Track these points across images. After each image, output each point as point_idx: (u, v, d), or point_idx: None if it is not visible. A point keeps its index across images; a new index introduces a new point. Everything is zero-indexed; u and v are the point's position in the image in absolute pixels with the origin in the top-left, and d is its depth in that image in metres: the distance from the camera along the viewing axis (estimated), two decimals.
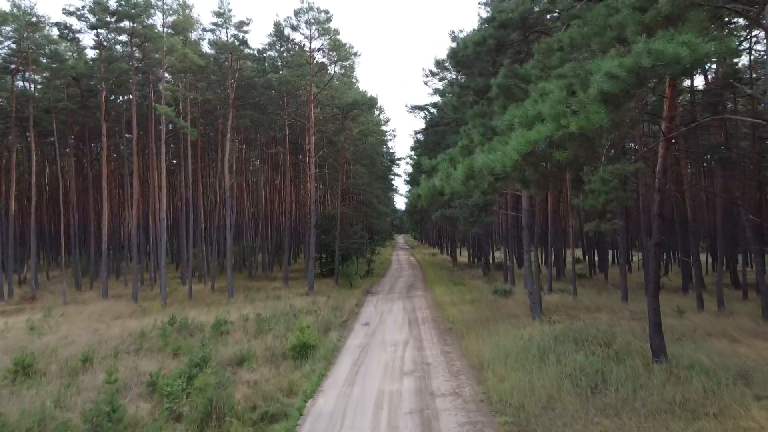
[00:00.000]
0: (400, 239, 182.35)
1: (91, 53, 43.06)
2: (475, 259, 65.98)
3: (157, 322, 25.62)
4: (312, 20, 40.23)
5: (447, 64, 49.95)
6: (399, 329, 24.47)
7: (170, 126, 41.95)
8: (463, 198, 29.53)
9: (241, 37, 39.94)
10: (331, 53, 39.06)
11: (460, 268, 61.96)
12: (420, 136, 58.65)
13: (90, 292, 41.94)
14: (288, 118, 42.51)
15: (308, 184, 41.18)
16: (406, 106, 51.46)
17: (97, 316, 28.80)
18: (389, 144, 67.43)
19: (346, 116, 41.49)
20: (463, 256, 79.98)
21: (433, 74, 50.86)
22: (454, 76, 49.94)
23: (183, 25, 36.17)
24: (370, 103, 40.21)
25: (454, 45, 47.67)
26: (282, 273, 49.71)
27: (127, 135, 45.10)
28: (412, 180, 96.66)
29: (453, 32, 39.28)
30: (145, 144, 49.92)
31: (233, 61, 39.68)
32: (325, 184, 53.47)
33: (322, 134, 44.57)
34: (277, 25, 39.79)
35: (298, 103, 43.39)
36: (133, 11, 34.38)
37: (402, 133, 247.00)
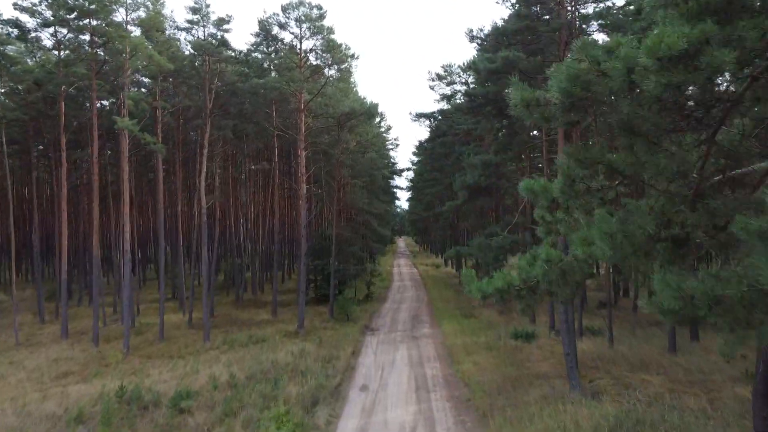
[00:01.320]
0: (401, 243, 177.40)
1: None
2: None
3: (106, 388, 20.74)
4: (303, 17, 35.32)
5: (453, 68, 45.09)
6: (405, 401, 19.56)
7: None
8: (483, 237, 24.74)
9: (220, 37, 35.01)
10: (324, 55, 34.13)
11: None
12: (425, 145, 53.79)
13: (53, 326, 37.01)
14: (276, 129, 37.53)
15: (299, 204, 36.26)
16: (411, 114, 46.84)
17: (40, 375, 23.85)
18: (391, 154, 62.69)
19: (342, 127, 36.56)
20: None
21: (440, 78, 45.94)
22: (465, 80, 45.09)
23: (150, 23, 31.21)
24: (370, 112, 35.29)
25: (474, 47, 42.45)
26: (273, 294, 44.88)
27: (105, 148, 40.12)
28: (414, 188, 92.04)
29: (471, 31, 34.52)
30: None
31: (212, 64, 34.74)
32: (321, 200, 48.55)
33: (316, 145, 39.65)
34: (262, 23, 34.85)
35: (288, 111, 38.40)
36: (93, 6, 29.42)
37: (405, 142, 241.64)
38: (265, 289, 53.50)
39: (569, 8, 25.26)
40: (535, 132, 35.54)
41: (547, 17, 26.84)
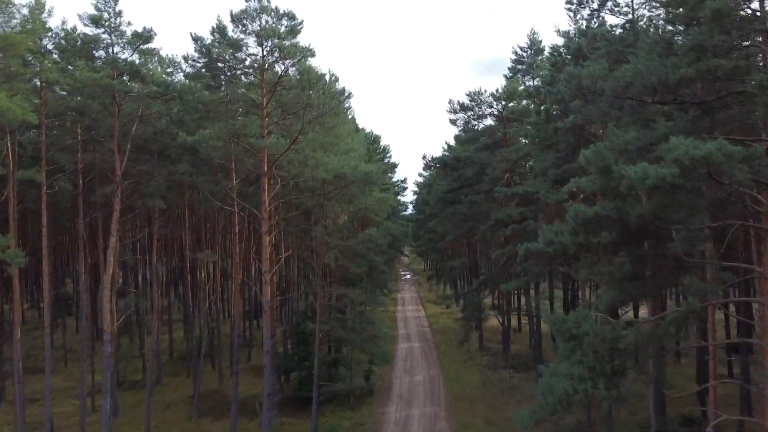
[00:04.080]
0: (405, 259, 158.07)
1: None
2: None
3: None
4: (266, 31, 22.62)
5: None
6: None
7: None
8: None
9: (134, 62, 22.13)
10: (302, 92, 21.40)
11: (493, 360, 43.91)
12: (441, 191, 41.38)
13: None
14: (223, 203, 24.86)
15: (267, 314, 23.50)
16: (424, 158, 34.71)
17: None
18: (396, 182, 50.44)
19: (327, 196, 23.99)
20: (492, 327, 59.17)
21: (464, 108, 33.61)
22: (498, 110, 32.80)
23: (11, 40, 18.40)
24: (368, 179, 22.70)
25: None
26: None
27: None
28: (418, 207, 79.56)
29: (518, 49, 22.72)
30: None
31: (120, 103, 22.00)
32: (302, 266, 35.73)
33: (290, 223, 27.03)
34: (201, 44, 21.98)
35: (251, 165, 25.58)
36: None
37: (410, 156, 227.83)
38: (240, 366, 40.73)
39: None
40: None
41: None
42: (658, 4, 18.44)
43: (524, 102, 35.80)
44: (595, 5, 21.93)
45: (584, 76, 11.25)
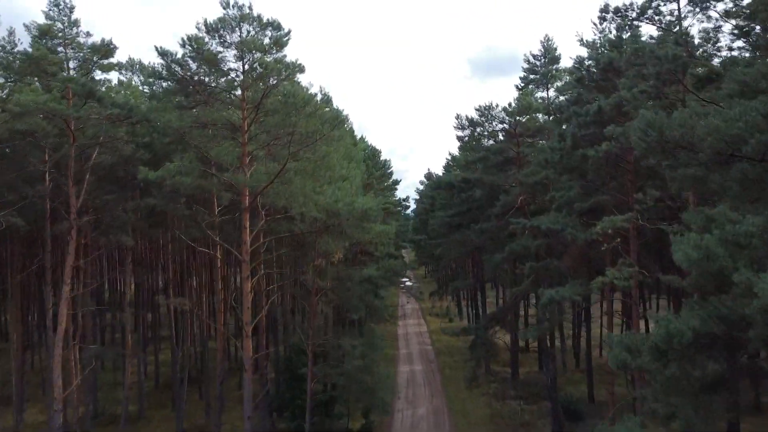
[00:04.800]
0: (406, 256, 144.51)
1: None
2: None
3: None
4: (247, 42, 19.24)
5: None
6: None
7: None
8: None
9: (90, 81, 18.67)
10: (286, 117, 17.96)
11: (501, 388, 40.34)
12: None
13: None
14: (197, 242, 21.47)
15: (248, 372, 20.09)
16: (429, 178, 31.12)
17: None
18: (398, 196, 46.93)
19: (319, 234, 20.58)
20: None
21: (474, 124, 30.18)
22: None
23: None
24: (366, 215, 19.35)
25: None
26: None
27: None
28: (420, 222, 75.75)
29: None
30: None
31: (77, 128, 18.60)
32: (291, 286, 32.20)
33: (278, 261, 23.61)
34: (167, 55, 18.56)
35: (228, 200, 22.15)
36: None
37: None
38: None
39: None
40: None
41: None
42: (718, 15, 15.06)
43: (539, 116, 32.39)
44: (633, 14, 18.49)
45: (670, 126, 7.98)
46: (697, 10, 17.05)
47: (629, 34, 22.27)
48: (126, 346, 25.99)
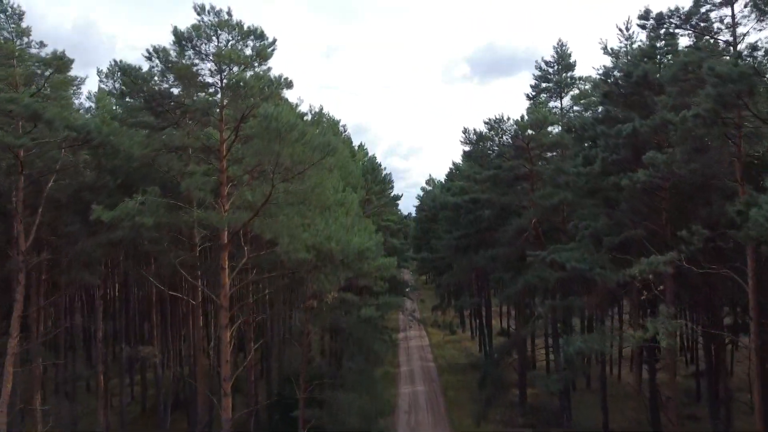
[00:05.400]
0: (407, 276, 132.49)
1: None
2: None
3: None
4: (222, 54, 16.45)
5: None
6: None
7: None
8: None
9: (26, 105, 15.76)
10: (268, 144, 15.13)
11: (508, 412, 37.37)
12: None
13: None
14: (166, 286, 18.63)
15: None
16: (434, 201, 28.42)
17: None
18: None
19: (311, 272, 17.81)
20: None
21: (482, 139, 27.40)
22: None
23: None
24: (366, 255, 16.64)
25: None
26: None
27: None
28: (421, 230, 72.86)
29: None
30: None
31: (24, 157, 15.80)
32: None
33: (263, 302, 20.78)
34: (128, 71, 15.66)
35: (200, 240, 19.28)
36: None
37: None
38: None
39: None
40: None
41: None
42: None
43: (554, 129, 29.54)
44: (676, 21, 15.72)
45: None
46: (757, 16, 14.26)
47: (663, 42, 19.52)
48: (99, 393, 23.02)
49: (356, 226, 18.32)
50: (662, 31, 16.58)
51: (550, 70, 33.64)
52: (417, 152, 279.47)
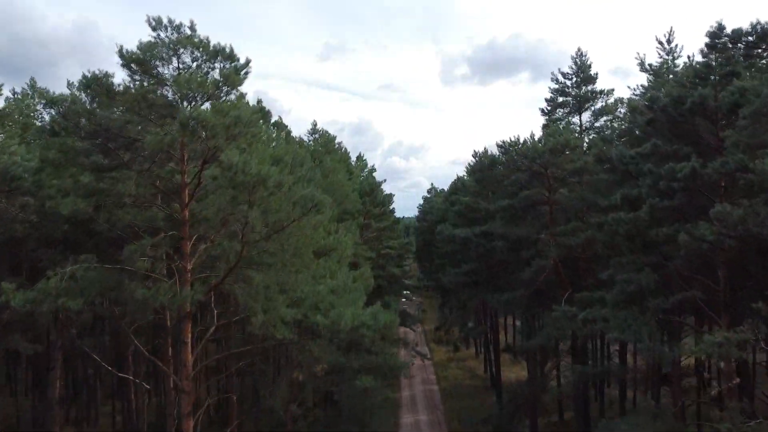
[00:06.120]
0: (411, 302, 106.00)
1: None
2: None
3: None
4: (180, 81, 13.14)
5: None
6: None
7: None
8: None
9: None
10: (232, 201, 11.85)
11: None
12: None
13: None
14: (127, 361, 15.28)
15: None
16: (439, 234, 25.38)
17: None
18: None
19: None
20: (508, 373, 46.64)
21: (494, 163, 24.02)
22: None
23: None
24: (363, 331, 13.38)
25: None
26: None
27: None
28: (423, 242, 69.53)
29: None
30: None
31: None
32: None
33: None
34: (60, 103, 12.37)
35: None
36: None
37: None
38: None
39: None
40: None
41: None
42: None
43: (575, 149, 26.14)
44: (751, 39, 12.41)
45: None
46: None
47: (717, 62, 16.14)
48: None
49: (348, 286, 14.97)
50: (733, 51, 13.26)
51: (568, 82, 30.22)
52: (417, 152, 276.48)
